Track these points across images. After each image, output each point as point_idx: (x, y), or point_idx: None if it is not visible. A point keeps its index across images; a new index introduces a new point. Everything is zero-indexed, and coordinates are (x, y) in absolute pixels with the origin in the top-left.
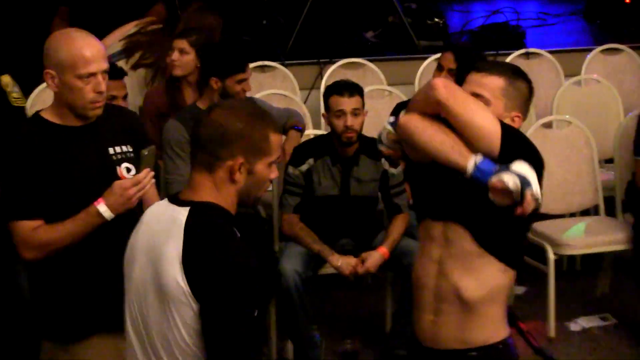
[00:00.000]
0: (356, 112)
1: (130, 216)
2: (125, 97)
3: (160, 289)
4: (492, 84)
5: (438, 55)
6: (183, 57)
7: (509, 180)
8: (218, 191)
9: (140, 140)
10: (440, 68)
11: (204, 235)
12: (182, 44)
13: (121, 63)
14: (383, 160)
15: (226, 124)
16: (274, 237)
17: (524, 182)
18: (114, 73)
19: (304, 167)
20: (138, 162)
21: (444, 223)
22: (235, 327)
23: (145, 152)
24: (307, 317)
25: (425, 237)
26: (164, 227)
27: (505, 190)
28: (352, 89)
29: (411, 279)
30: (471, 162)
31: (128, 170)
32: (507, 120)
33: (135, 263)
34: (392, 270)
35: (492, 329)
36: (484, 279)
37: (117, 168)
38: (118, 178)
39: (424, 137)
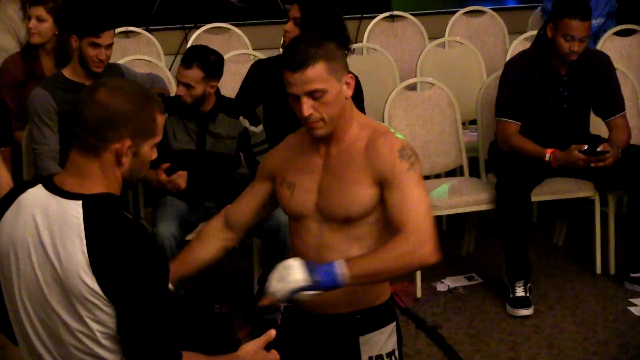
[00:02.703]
0: (188, 85)
1: None
2: None
3: (67, 291)
4: (316, 73)
5: None
6: (41, 25)
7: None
8: (106, 177)
9: None
10: (288, 18)
11: (109, 236)
12: (39, 11)
13: None
14: (241, 117)
15: (113, 105)
16: (139, 203)
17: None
18: None
19: None
20: None
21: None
22: (157, 316)
23: None
24: None
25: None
26: (56, 224)
27: None
28: (189, 60)
29: (277, 241)
30: None
31: None
32: (345, 87)
33: (22, 259)
34: (256, 235)
35: (379, 291)
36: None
37: None
38: None
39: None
